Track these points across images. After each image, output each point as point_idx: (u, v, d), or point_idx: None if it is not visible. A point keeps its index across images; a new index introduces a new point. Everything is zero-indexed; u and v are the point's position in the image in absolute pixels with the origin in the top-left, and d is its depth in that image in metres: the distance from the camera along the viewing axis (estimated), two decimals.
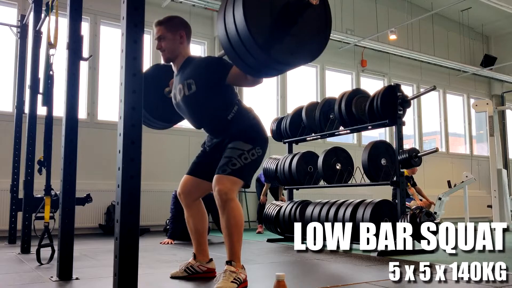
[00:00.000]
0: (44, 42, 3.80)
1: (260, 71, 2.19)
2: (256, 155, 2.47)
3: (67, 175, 2.65)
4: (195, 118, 2.60)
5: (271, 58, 2.02)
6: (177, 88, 2.56)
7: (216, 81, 2.46)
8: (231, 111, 2.52)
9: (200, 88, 2.46)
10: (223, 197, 2.33)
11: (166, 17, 2.63)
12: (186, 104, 2.53)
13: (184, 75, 2.53)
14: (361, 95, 4.76)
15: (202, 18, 7.99)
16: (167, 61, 2.62)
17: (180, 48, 2.58)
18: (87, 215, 6.32)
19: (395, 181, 4.24)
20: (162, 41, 2.56)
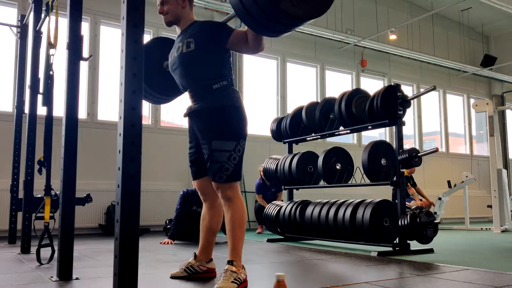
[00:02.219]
0: (44, 42, 3.80)
1: (266, 25, 2.16)
2: (241, 148, 2.49)
3: (67, 175, 2.65)
4: (185, 77, 2.55)
5: (278, 8, 2.00)
6: (176, 47, 2.58)
7: (216, 42, 2.48)
8: (219, 82, 2.50)
9: (198, 47, 2.47)
10: (228, 196, 2.45)
11: None
12: (181, 61, 2.52)
13: (186, 34, 2.55)
14: (361, 95, 4.76)
15: (202, 18, 7.91)
16: (168, 24, 2.62)
17: (183, 12, 2.60)
18: (87, 215, 6.32)
19: (395, 181, 4.24)
20: (165, 5, 2.58)
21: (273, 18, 2.09)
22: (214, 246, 2.79)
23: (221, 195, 2.47)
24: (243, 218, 2.43)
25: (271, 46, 8.63)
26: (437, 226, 4.13)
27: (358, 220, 4.27)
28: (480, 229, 7.69)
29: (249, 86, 8.28)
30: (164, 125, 7.70)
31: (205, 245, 2.70)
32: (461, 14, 10.79)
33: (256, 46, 2.42)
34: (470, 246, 4.98)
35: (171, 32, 7.67)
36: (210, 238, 2.70)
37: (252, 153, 6.97)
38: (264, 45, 2.44)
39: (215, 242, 2.77)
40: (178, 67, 2.55)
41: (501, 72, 11.58)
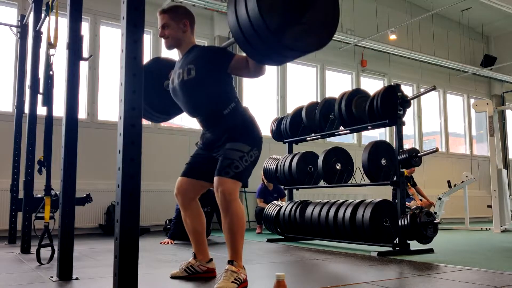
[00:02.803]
0: (44, 42, 3.80)
1: (267, 56, 2.16)
2: (254, 156, 2.48)
3: (67, 175, 2.65)
4: (190, 105, 2.56)
5: (280, 43, 2.00)
6: (177, 73, 2.56)
7: (217, 68, 2.47)
8: (228, 106, 2.51)
9: (199, 74, 2.45)
10: (227, 198, 2.34)
11: (170, 6, 2.65)
12: (183, 89, 2.51)
13: (186, 61, 2.54)
14: (361, 95, 4.76)
15: (202, 18, 7.99)
16: (169, 48, 2.63)
17: (184, 37, 2.60)
18: (87, 215, 6.32)
19: (395, 181, 4.24)
20: (166, 29, 2.58)
21: (275, 51, 2.09)
22: (214, 246, 2.80)
23: (221, 192, 2.36)
24: (242, 222, 2.37)
25: None
26: (437, 226, 4.13)
27: (358, 220, 4.27)
28: (480, 229, 7.69)
29: (249, 86, 8.28)
30: (164, 125, 7.70)
31: (197, 247, 2.71)
32: (461, 14, 10.79)
33: (258, 72, 2.40)
34: (470, 246, 4.98)
35: None
36: (199, 238, 2.71)
37: None
38: (265, 70, 2.41)
39: (214, 242, 2.77)
40: (181, 94, 2.54)
41: (501, 72, 11.58)
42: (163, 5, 7.49)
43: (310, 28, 2.10)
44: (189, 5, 7.70)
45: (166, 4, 7.47)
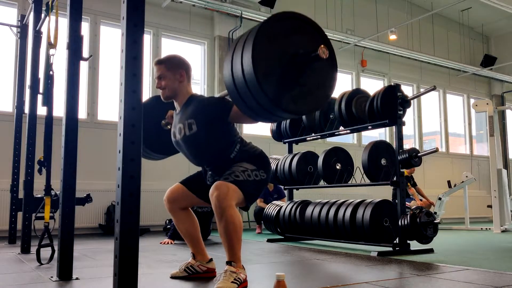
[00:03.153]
0: (44, 42, 3.80)
1: (262, 115, 2.17)
2: (260, 177, 2.46)
3: (67, 175, 2.65)
4: (196, 157, 2.57)
5: (275, 106, 2.01)
6: (177, 127, 2.55)
7: (218, 120, 2.45)
8: (234, 149, 2.51)
9: (201, 128, 2.44)
10: (220, 203, 2.26)
11: (165, 56, 2.62)
12: (187, 143, 2.52)
13: (185, 114, 2.52)
14: (361, 95, 4.76)
15: (202, 18, 7.99)
16: (166, 99, 2.59)
17: (181, 87, 2.56)
18: (87, 215, 6.32)
19: (395, 181, 4.24)
20: (162, 80, 2.55)
21: (268, 111, 2.09)
22: (214, 246, 2.80)
23: (216, 196, 2.27)
24: (239, 226, 2.30)
25: None
26: (437, 226, 4.13)
27: (358, 220, 4.27)
28: (480, 229, 7.69)
29: None
30: None
31: (194, 248, 2.72)
32: (461, 14, 10.79)
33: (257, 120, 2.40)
34: (470, 246, 4.98)
35: (171, 32, 7.68)
36: (194, 241, 2.71)
37: None
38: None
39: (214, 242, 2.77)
40: (185, 148, 2.55)
41: (501, 72, 11.59)
42: (163, 5, 7.50)
43: (308, 91, 2.10)
44: (189, 5, 7.71)
45: (165, 4, 7.48)
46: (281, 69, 2.03)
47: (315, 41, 2.13)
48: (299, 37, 2.11)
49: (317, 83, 2.14)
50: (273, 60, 2.02)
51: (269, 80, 1.97)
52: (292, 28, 2.11)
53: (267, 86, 1.95)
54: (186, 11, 7.82)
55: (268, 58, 2.00)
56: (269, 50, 2.01)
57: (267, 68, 1.98)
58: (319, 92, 2.15)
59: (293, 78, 2.06)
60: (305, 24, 2.16)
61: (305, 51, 2.07)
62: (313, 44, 2.09)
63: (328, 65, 2.17)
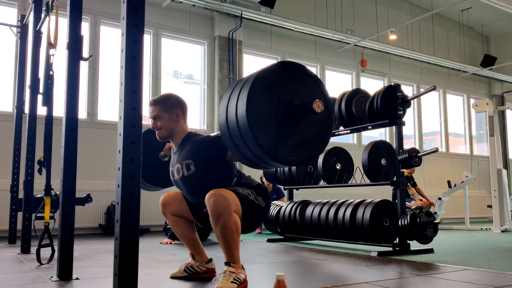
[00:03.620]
0: (44, 42, 3.80)
1: (255, 164, 2.16)
2: (259, 202, 2.44)
3: (67, 175, 2.65)
4: (195, 196, 2.56)
5: (270, 157, 2.00)
6: (175, 167, 2.54)
7: (215, 160, 2.44)
8: (231, 183, 2.50)
9: (199, 169, 2.44)
10: (218, 207, 2.22)
11: (161, 97, 2.60)
12: (185, 183, 2.51)
13: (182, 154, 2.51)
14: (361, 95, 4.76)
15: (202, 18, 7.99)
16: (162, 140, 2.58)
17: (177, 127, 2.55)
18: (87, 215, 6.32)
19: (395, 181, 4.24)
20: (158, 121, 2.53)
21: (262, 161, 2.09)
22: (214, 246, 2.80)
23: (213, 201, 2.24)
24: (236, 230, 2.28)
25: (271, 46, 8.64)
26: (437, 226, 4.13)
27: (358, 220, 4.27)
28: (480, 229, 7.69)
29: None
30: None
31: (192, 249, 2.72)
32: (461, 14, 10.80)
33: None
34: (470, 246, 4.98)
35: (171, 32, 7.68)
36: (192, 243, 2.71)
37: None
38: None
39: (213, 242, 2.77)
40: (184, 187, 2.55)
41: (501, 72, 11.59)
42: (163, 5, 7.50)
43: (303, 141, 2.10)
44: (189, 5, 7.71)
45: (165, 4, 7.48)
46: (276, 120, 2.02)
47: (312, 93, 2.12)
48: (296, 87, 2.10)
49: (312, 133, 2.13)
50: (268, 111, 2.00)
51: (264, 131, 1.97)
52: (289, 77, 2.10)
53: (261, 137, 1.95)
54: (186, 11, 7.82)
55: (262, 109, 1.98)
56: (264, 100, 2.00)
57: (262, 119, 1.97)
58: (315, 142, 2.15)
59: (288, 129, 2.05)
60: (303, 74, 2.15)
61: (300, 103, 2.06)
62: (309, 96, 2.08)
63: (323, 118, 2.15)
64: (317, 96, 2.11)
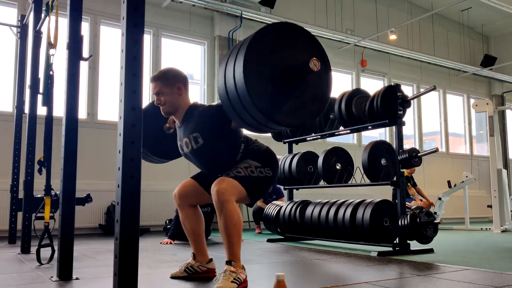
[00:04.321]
0: (44, 42, 3.80)
1: (256, 128, 2.18)
2: (265, 173, 2.46)
3: (67, 175, 2.65)
4: (206, 166, 2.60)
5: (268, 120, 2.01)
6: (183, 141, 2.55)
7: (222, 130, 2.46)
8: (239, 151, 2.52)
9: (207, 140, 2.45)
10: (220, 198, 2.28)
11: (160, 72, 2.59)
12: (196, 156, 2.53)
13: (188, 127, 2.51)
14: (361, 95, 4.76)
15: (202, 18, 7.99)
16: (167, 115, 2.59)
17: (180, 100, 2.55)
18: (87, 215, 6.32)
19: (395, 181, 4.24)
20: (161, 96, 2.53)
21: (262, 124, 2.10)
22: (214, 246, 2.80)
23: (216, 191, 2.29)
24: (238, 223, 2.32)
25: None
26: (437, 226, 4.12)
27: (358, 220, 4.27)
28: (480, 229, 7.69)
29: None
30: None
31: (196, 248, 2.71)
32: (461, 14, 10.80)
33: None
34: (470, 246, 4.98)
35: (171, 31, 7.68)
36: (197, 240, 2.71)
37: None
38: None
39: (214, 242, 2.76)
40: (195, 160, 2.57)
41: (501, 72, 11.58)
42: (163, 5, 7.50)
43: (302, 104, 2.10)
44: (189, 5, 7.71)
45: (165, 4, 7.48)
46: (274, 83, 2.02)
47: (308, 53, 2.11)
48: (292, 49, 2.10)
49: (310, 96, 2.13)
50: (265, 73, 2.01)
51: (261, 93, 1.97)
52: (285, 39, 2.10)
53: (259, 100, 1.95)
54: (186, 11, 7.82)
55: (259, 70, 1.99)
56: (261, 63, 2.00)
57: (259, 81, 1.98)
58: (313, 105, 2.15)
59: (286, 91, 2.05)
60: (298, 34, 2.15)
61: (297, 63, 2.05)
62: (305, 56, 2.08)
63: (322, 77, 2.15)
64: (314, 54, 2.11)
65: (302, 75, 2.07)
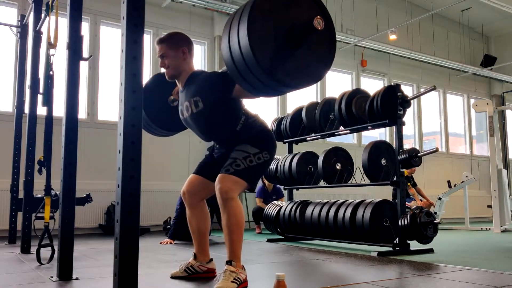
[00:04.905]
0: (44, 42, 3.80)
1: (262, 90, 2.19)
2: (263, 159, 2.48)
3: (67, 175, 2.65)
4: (204, 133, 2.61)
5: (274, 80, 2.01)
6: (184, 105, 2.56)
7: (222, 96, 2.47)
8: (239, 122, 2.53)
9: (207, 105, 2.46)
10: (223, 196, 2.33)
11: (167, 35, 2.61)
12: (195, 120, 2.54)
13: (190, 91, 2.53)
14: (361, 95, 4.76)
15: (202, 18, 7.99)
16: (171, 78, 2.60)
17: (184, 64, 2.57)
18: (87, 215, 6.32)
19: (395, 181, 4.24)
20: (165, 59, 2.55)
21: (268, 86, 2.10)
22: (215, 246, 2.80)
23: (219, 189, 2.35)
24: (240, 221, 2.36)
25: None
26: (437, 226, 4.13)
27: (358, 220, 4.27)
28: (480, 229, 7.69)
29: None
30: None
31: (199, 247, 2.71)
32: (461, 14, 10.80)
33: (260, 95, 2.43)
34: (470, 246, 4.98)
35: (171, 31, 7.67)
36: (202, 239, 2.71)
37: None
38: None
39: (214, 242, 2.77)
40: (193, 125, 2.58)
41: (501, 72, 11.58)
42: (163, 5, 7.50)
43: (304, 65, 2.09)
44: (189, 5, 7.71)
45: (165, 4, 7.48)
46: (277, 42, 2.02)
47: (312, 11, 2.11)
48: (295, 8, 2.09)
49: (314, 56, 2.12)
50: (269, 33, 2.01)
51: (265, 53, 1.98)
52: None
53: (263, 59, 1.96)
54: (186, 11, 7.82)
55: (264, 31, 1.99)
56: (265, 22, 2.00)
57: (263, 41, 1.98)
58: (316, 65, 2.14)
59: (290, 51, 2.05)
60: None
61: (301, 22, 2.05)
62: (309, 15, 2.07)
63: (325, 38, 2.15)
64: (317, 13, 2.11)
65: (306, 34, 2.07)
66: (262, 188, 6.97)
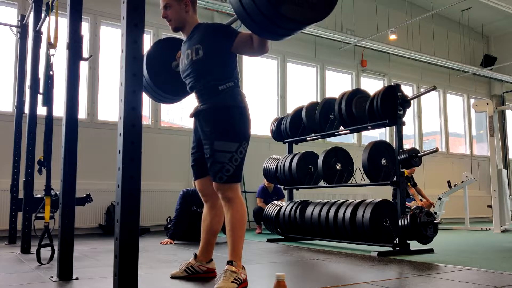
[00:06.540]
0: (44, 42, 3.79)
1: (268, 29, 2.18)
2: (243, 150, 2.51)
3: (67, 175, 2.65)
4: (194, 80, 2.58)
5: (279, 14, 2.02)
6: (185, 54, 2.60)
7: (223, 46, 2.49)
8: (225, 83, 2.52)
9: (207, 54, 2.49)
10: (226, 202, 2.46)
11: None
12: (193, 68, 2.55)
13: (193, 39, 2.57)
14: (361, 95, 4.76)
15: (202, 18, 7.88)
16: (175, 30, 2.65)
17: (187, 16, 2.61)
18: (87, 215, 6.32)
19: (395, 181, 4.24)
20: (168, 10, 2.60)
21: (274, 22, 2.10)
22: (215, 246, 2.79)
23: (221, 196, 2.47)
24: (243, 219, 2.43)
25: (271, 46, 8.61)
26: (437, 226, 4.13)
27: (358, 220, 4.27)
28: (480, 229, 7.69)
29: (250, 86, 8.28)
30: (164, 125, 7.71)
31: (205, 246, 2.71)
32: (461, 14, 10.79)
33: (261, 49, 2.44)
34: (470, 246, 4.98)
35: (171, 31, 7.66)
36: (211, 238, 2.71)
37: (253, 153, 6.93)
38: (268, 47, 2.46)
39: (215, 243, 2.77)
40: (190, 73, 2.58)
41: (501, 72, 11.58)
42: None
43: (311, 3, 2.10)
44: None
45: None
46: None
47: None
48: None
49: None
50: None
51: None
52: None
53: None
54: None
55: None
56: None
57: None
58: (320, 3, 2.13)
59: None
60: None
61: None
62: None
63: None
64: None
65: None
66: (262, 188, 6.97)
